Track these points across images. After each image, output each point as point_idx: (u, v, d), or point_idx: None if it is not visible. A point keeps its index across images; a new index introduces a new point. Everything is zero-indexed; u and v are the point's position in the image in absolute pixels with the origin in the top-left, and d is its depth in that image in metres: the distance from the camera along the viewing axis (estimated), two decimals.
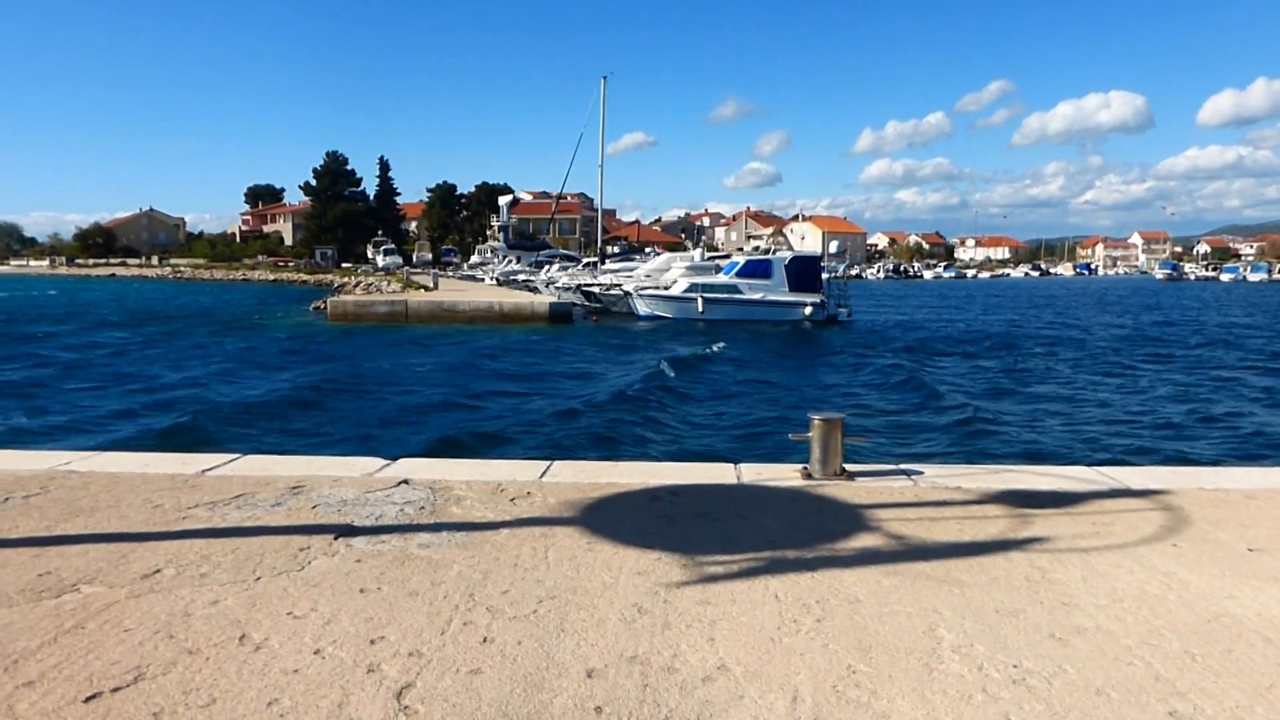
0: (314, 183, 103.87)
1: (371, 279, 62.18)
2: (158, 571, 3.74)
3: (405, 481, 5.27)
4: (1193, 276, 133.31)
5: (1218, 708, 2.71)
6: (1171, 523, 4.60)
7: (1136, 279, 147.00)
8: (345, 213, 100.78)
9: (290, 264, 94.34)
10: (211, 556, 3.93)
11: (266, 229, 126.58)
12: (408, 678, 2.82)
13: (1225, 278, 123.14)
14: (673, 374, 20.38)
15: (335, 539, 4.20)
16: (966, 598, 3.55)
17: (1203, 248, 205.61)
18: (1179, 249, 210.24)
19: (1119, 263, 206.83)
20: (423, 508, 4.74)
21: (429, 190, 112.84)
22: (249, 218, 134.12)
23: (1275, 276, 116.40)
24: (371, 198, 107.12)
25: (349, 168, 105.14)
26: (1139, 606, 3.49)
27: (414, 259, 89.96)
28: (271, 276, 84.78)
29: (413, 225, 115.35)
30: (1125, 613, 3.43)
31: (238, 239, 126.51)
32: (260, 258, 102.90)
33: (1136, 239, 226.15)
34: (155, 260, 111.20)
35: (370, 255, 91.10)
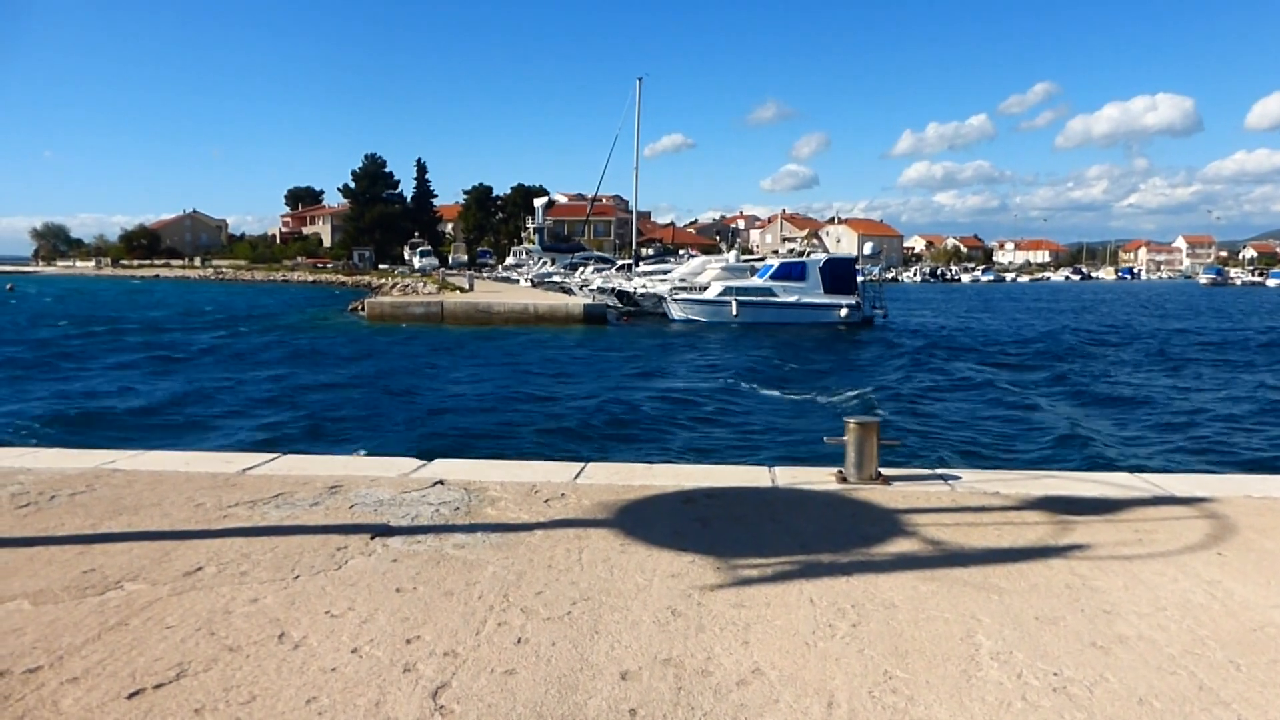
0: (352, 185, 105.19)
1: (408, 280, 62.74)
2: (199, 569, 3.80)
3: (440, 482, 5.31)
4: (1238, 282, 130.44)
5: (1263, 718, 2.65)
6: (1216, 531, 4.51)
7: (1180, 283, 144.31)
8: (383, 214, 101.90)
9: (328, 265, 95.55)
10: (251, 555, 3.99)
11: (306, 230, 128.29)
12: (443, 677, 2.84)
13: (1271, 283, 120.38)
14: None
15: (372, 539, 4.24)
16: (1005, 604, 3.51)
17: (1249, 253, 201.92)
18: (1224, 253, 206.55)
19: (1162, 267, 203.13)
20: (458, 508, 4.77)
21: (465, 192, 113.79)
22: (289, 219, 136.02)
23: None
24: (408, 200, 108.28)
25: (387, 170, 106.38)
26: (1183, 615, 3.43)
27: (450, 260, 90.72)
28: (310, 278, 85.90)
29: (449, 227, 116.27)
30: (1168, 621, 3.37)
31: (278, 240, 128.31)
32: (299, 259, 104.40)
33: (1180, 243, 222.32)
34: (198, 262, 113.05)
35: (407, 257, 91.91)
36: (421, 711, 2.63)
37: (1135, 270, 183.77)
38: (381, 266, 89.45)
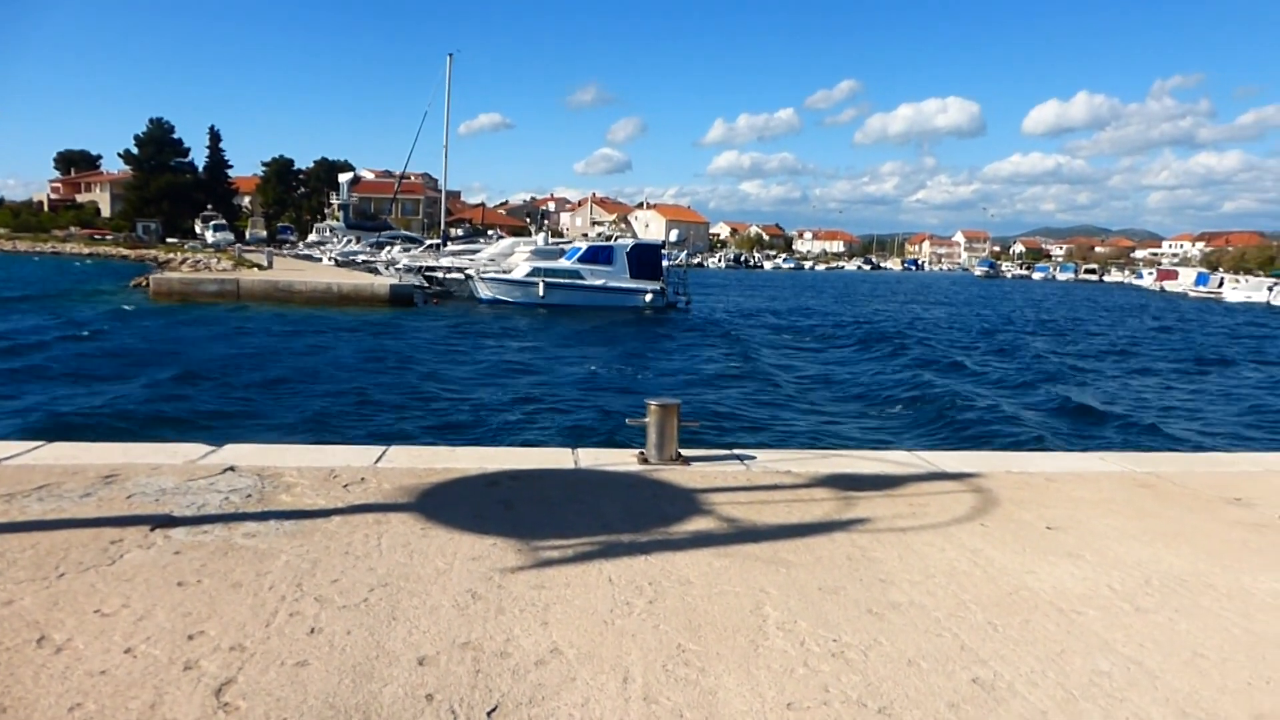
0: (136, 151, 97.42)
1: (200, 256, 58.75)
2: None
3: (231, 468, 5.04)
4: (1009, 274, 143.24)
5: (1015, 673, 2.93)
6: (981, 504, 4.93)
7: (958, 275, 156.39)
8: (171, 184, 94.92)
9: (109, 237, 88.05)
10: (7, 553, 3.65)
11: (81, 198, 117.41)
12: (228, 673, 2.71)
13: (1037, 276, 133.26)
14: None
15: (152, 530, 3.98)
16: (792, 577, 3.70)
17: (1019, 247, 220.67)
18: (997, 248, 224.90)
19: (943, 259, 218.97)
20: (250, 495, 4.55)
21: (264, 164, 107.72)
22: (60, 185, 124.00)
23: (1081, 276, 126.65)
24: (201, 169, 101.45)
25: (175, 136, 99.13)
26: (949, 582, 3.73)
27: (247, 236, 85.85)
28: (87, 250, 78.78)
29: (246, 200, 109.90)
30: (936, 588, 3.66)
31: (46, 208, 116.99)
32: (73, 229, 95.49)
33: (960, 238, 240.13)
34: None
35: (199, 230, 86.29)
36: (203, 710, 2.50)
37: (919, 262, 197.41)
38: (170, 240, 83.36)
